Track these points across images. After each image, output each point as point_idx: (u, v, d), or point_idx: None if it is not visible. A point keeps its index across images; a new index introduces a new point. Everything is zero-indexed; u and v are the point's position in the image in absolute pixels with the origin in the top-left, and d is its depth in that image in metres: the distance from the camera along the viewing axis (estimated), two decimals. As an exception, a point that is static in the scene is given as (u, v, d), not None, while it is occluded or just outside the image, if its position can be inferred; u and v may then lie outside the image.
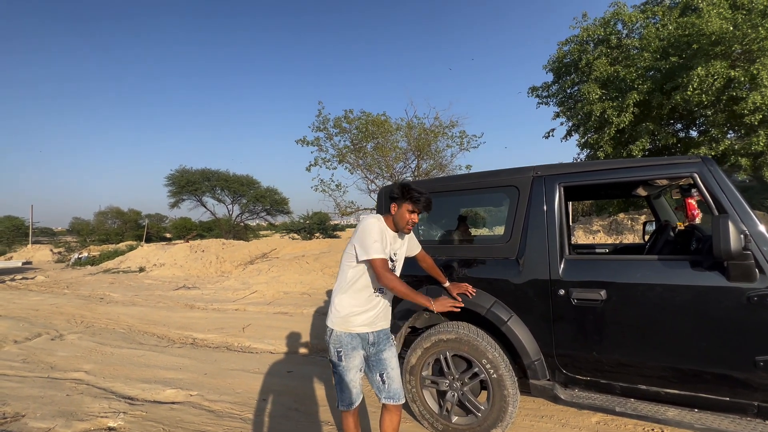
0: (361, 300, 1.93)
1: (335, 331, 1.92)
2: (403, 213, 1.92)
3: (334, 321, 1.94)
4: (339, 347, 1.91)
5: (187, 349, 4.68)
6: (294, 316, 6.14)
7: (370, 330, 1.95)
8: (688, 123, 10.57)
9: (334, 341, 1.92)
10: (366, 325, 1.93)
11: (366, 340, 1.95)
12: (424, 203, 1.90)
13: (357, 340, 1.93)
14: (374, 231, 1.86)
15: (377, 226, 1.89)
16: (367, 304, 1.94)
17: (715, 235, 1.73)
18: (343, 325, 1.91)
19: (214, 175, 27.53)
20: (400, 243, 2.07)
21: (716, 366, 1.84)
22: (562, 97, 11.60)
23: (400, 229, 1.96)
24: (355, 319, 1.92)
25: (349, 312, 1.92)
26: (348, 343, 1.90)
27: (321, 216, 25.30)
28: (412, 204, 1.90)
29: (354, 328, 1.92)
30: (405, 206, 1.92)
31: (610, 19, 9.96)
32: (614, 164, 2.18)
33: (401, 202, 1.93)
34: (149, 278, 11.75)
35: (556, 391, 2.14)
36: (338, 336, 1.91)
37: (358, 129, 12.86)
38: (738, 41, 7.35)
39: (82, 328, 5.76)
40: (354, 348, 1.91)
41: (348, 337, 1.91)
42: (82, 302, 8.04)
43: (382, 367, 1.98)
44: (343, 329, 1.91)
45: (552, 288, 2.17)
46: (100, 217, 34.18)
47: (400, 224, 1.94)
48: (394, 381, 1.98)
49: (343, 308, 1.93)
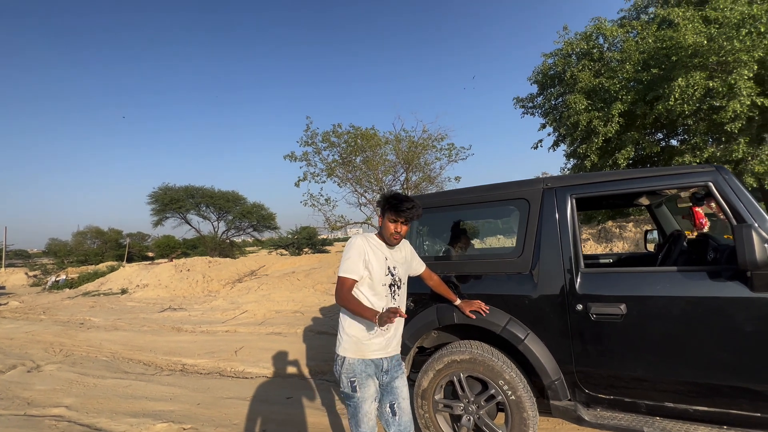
0: (372, 325, 1.78)
1: (348, 359, 1.78)
2: (386, 224, 1.84)
3: (346, 348, 1.79)
4: (352, 376, 1.76)
5: (177, 376, 4.42)
6: (288, 336, 5.92)
7: (385, 355, 1.82)
8: (670, 132, 10.88)
9: (346, 370, 1.77)
10: (380, 349, 1.80)
11: (380, 367, 1.81)
12: (405, 212, 1.78)
13: (371, 368, 1.79)
14: (351, 249, 1.79)
15: (356, 244, 1.81)
16: (378, 329, 1.79)
17: (739, 245, 1.69)
18: (357, 352, 1.77)
19: (198, 191, 27.07)
20: (400, 256, 1.96)
21: (744, 380, 1.77)
22: (548, 108, 11.84)
23: (387, 241, 1.86)
24: (369, 344, 1.78)
25: (362, 336, 1.79)
26: (362, 371, 1.76)
27: (309, 231, 25.07)
28: (394, 213, 1.80)
29: (368, 354, 1.78)
30: (387, 216, 1.84)
31: (592, 33, 10.27)
32: (626, 174, 2.13)
33: (384, 212, 1.86)
34: (132, 300, 11.30)
35: (579, 412, 2.04)
36: (351, 364, 1.77)
37: (347, 143, 12.84)
38: (714, 53, 7.65)
39: (61, 358, 5.42)
40: (369, 376, 1.77)
41: (362, 365, 1.77)
42: (60, 328, 7.63)
43: (394, 396, 1.85)
44: (356, 356, 1.77)
45: (569, 303, 2.09)
46: (78, 237, 33.08)
47: (385, 236, 1.85)
48: (405, 413, 1.85)
49: (354, 333, 1.79)
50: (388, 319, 1.59)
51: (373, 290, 1.81)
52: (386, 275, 1.83)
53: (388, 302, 1.84)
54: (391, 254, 1.89)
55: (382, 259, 1.83)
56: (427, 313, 2.46)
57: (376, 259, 1.81)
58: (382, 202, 1.86)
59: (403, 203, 1.79)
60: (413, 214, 1.81)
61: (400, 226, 1.83)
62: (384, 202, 1.86)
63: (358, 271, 1.75)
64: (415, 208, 1.80)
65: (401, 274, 1.94)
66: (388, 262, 1.85)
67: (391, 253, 1.90)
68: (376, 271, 1.79)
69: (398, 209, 1.78)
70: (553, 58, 11.11)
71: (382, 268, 1.82)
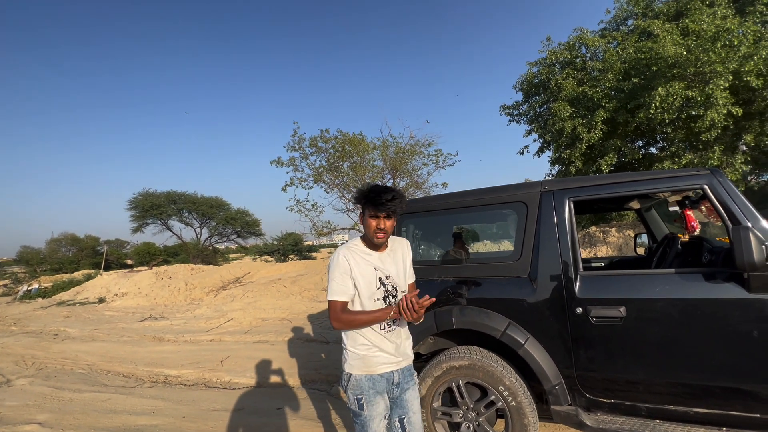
0: (377, 334, 1.62)
1: (354, 375, 1.61)
2: (367, 221, 1.61)
3: (352, 364, 1.63)
4: (359, 394, 1.60)
5: (159, 388, 4.23)
6: (275, 345, 5.76)
7: (395, 368, 1.65)
8: (650, 140, 11.22)
9: (353, 387, 1.61)
10: (390, 363, 1.64)
11: (390, 381, 1.65)
12: (386, 205, 1.54)
13: (381, 383, 1.62)
14: (334, 269, 1.60)
15: (338, 261, 1.60)
16: (385, 338, 1.63)
17: (736, 247, 1.70)
18: (364, 368, 1.61)
19: (180, 197, 26.45)
20: (392, 260, 1.71)
21: (743, 382, 1.78)
22: (533, 116, 12.06)
23: (371, 240, 1.63)
24: (376, 358, 1.61)
25: (368, 350, 1.62)
26: (370, 388, 1.60)
27: (295, 237, 24.74)
28: (373, 208, 1.57)
29: (376, 369, 1.61)
30: (367, 212, 1.60)
31: (575, 43, 10.55)
32: (623, 177, 2.15)
33: (363, 208, 1.63)
34: (110, 310, 10.88)
35: (581, 417, 2.02)
36: (358, 381, 1.60)
37: (334, 148, 12.77)
38: (692, 64, 7.94)
39: (33, 371, 5.14)
40: (377, 393, 1.61)
41: (369, 381, 1.60)
42: (32, 340, 7.26)
43: (403, 410, 1.70)
44: (363, 372, 1.61)
45: (569, 306, 2.07)
46: (52, 244, 31.82)
47: (368, 235, 1.63)
48: (416, 428, 1.70)
49: (358, 347, 1.62)
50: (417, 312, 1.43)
51: (364, 309, 1.62)
52: (377, 288, 1.62)
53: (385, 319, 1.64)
54: (381, 261, 1.67)
55: (370, 271, 1.63)
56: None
57: (362, 273, 1.61)
58: (360, 197, 1.63)
59: (382, 195, 1.55)
60: (395, 206, 1.57)
61: (382, 222, 1.59)
62: (361, 196, 1.62)
63: (346, 291, 1.58)
64: (397, 199, 1.57)
65: (397, 282, 1.69)
66: (378, 272, 1.64)
67: (381, 259, 1.68)
68: (364, 286, 1.60)
69: (377, 202, 1.55)
70: (537, 67, 11.35)
71: (371, 281, 1.61)
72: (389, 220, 1.60)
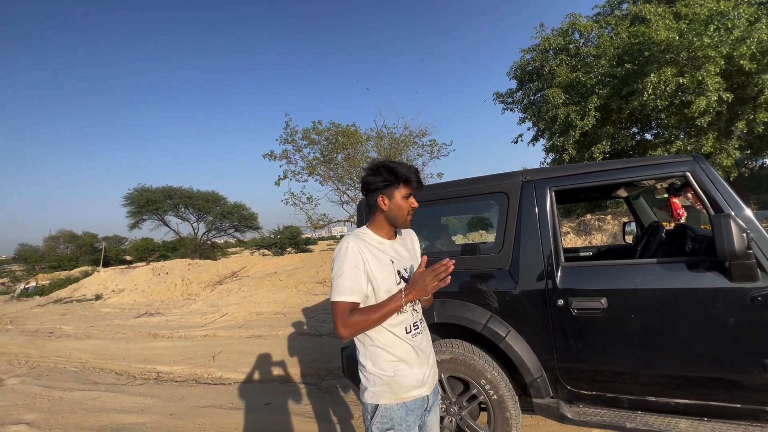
0: (402, 342, 1.30)
1: (381, 406, 1.26)
2: (397, 203, 1.34)
3: (378, 391, 1.27)
4: (389, 427, 1.26)
5: (150, 385, 4.23)
6: (269, 339, 5.76)
7: (429, 390, 1.34)
8: (644, 126, 11.14)
9: (381, 420, 1.26)
10: (422, 383, 1.31)
11: (425, 405, 1.34)
12: (416, 178, 1.35)
13: (415, 412, 1.30)
14: (344, 262, 1.27)
15: (350, 252, 1.27)
16: (413, 351, 1.31)
17: (717, 235, 1.66)
18: (395, 394, 1.26)
19: (176, 192, 26.34)
20: (405, 249, 1.44)
21: (724, 371, 1.76)
22: (527, 103, 11.95)
23: (401, 224, 1.38)
24: (409, 379, 1.28)
25: (396, 370, 1.27)
26: (403, 418, 1.27)
27: (292, 230, 24.73)
28: (406, 185, 1.34)
29: (409, 393, 1.28)
30: (398, 192, 1.33)
31: (568, 29, 10.39)
32: (605, 166, 2.10)
33: (391, 189, 1.34)
34: (107, 306, 10.87)
35: (562, 410, 2.00)
36: (388, 411, 1.26)
37: (328, 140, 12.67)
38: (685, 49, 7.83)
39: (26, 370, 5.13)
40: (411, 424, 1.29)
41: (403, 411, 1.27)
42: (27, 339, 7.25)
43: None
44: (394, 400, 1.26)
45: (550, 298, 2.04)
46: (50, 242, 31.82)
47: (399, 219, 1.35)
48: None
49: (385, 367, 1.28)
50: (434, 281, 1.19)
51: None
52: (397, 284, 1.31)
53: (407, 318, 1.33)
54: (395, 251, 1.39)
55: (388, 264, 1.32)
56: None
57: (380, 267, 1.29)
58: (385, 175, 1.32)
59: (413, 171, 1.35)
60: (421, 182, 1.39)
61: (414, 201, 1.38)
62: (389, 174, 1.32)
63: (359, 289, 1.25)
64: (419, 174, 1.39)
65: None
66: (395, 264, 1.34)
67: (395, 248, 1.39)
68: (382, 283, 1.28)
69: (412, 180, 1.33)
70: (531, 54, 11.20)
71: (389, 276, 1.30)
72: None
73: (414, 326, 1.34)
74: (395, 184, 1.33)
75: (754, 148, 10.94)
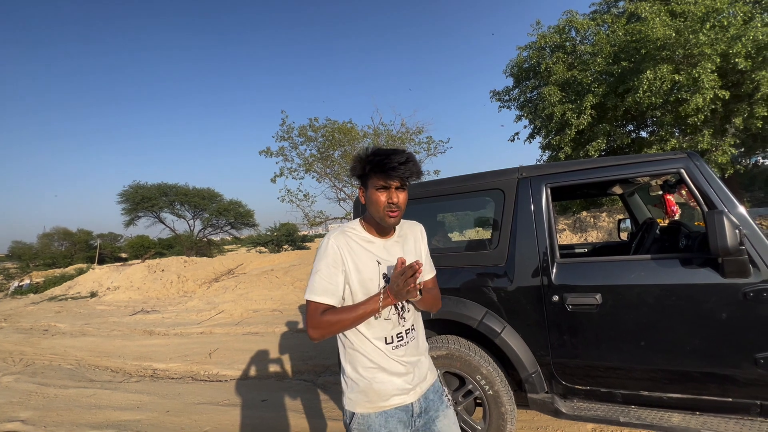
0: (383, 352, 1.18)
1: (358, 414, 1.17)
2: (374, 196, 1.17)
3: (352, 399, 1.19)
4: None
5: (146, 383, 4.22)
6: (265, 336, 5.76)
7: (414, 398, 1.21)
8: (640, 124, 11.19)
9: (359, 428, 1.17)
10: (405, 391, 1.19)
11: (409, 413, 1.20)
12: (399, 170, 1.12)
13: (396, 420, 1.18)
14: (321, 257, 1.18)
15: (328, 248, 1.18)
16: (395, 355, 1.19)
17: (710, 232, 1.68)
18: (371, 403, 1.17)
19: (171, 189, 26.18)
20: (400, 251, 1.27)
21: (717, 366, 1.78)
22: (524, 101, 11.96)
23: (381, 220, 1.18)
24: (386, 386, 1.17)
25: (373, 377, 1.17)
26: (382, 426, 1.16)
27: (289, 227, 24.69)
28: (383, 176, 1.13)
29: (388, 401, 1.17)
30: (373, 183, 1.17)
31: (565, 26, 10.40)
32: (600, 162, 2.11)
33: (367, 181, 1.19)
34: (102, 304, 10.82)
35: (557, 405, 2.02)
36: (366, 419, 1.17)
37: (324, 137, 12.63)
38: (681, 46, 7.85)
39: (20, 368, 5.10)
40: (392, 430, 1.17)
41: (381, 419, 1.16)
42: (21, 336, 7.21)
43: None
44: (371, 409, 1.17)
45: (545, 294, 2.05)
46: (44, 239, 31.57)
47: (377, 214, 1.18)
48: None
49: (361, 374, 1.18)
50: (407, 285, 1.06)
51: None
52: (380, 287, 1.18)
53: (390, 327, 1.20)
54: (386, 251, 1.24)
55: (372, 265, 1.19)
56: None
57: (358, 266, 1.18)
58: (361, 164, 1.18)
59: (392, 157, 1.13)
60: (410, 171, 1.14)
61: (395, 194, 1.16)
62: (363, 163, 1.18)
63: (333, 291, 1.15)
64: (410, 162, 1.14)
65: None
66: (381, 266, 1.20)
67: (387, 248, 1.25)
68: (362, 285, 1.18)
69: (387, 167, 1.12)
70: (527, 51, 11.21)
71: (372, 278, 1.18)
72: (402, 192, 1.18)
73: (398, 337, 1.21)
74: (369, 175, 1.17)
75: (747, 147, 11.03)
